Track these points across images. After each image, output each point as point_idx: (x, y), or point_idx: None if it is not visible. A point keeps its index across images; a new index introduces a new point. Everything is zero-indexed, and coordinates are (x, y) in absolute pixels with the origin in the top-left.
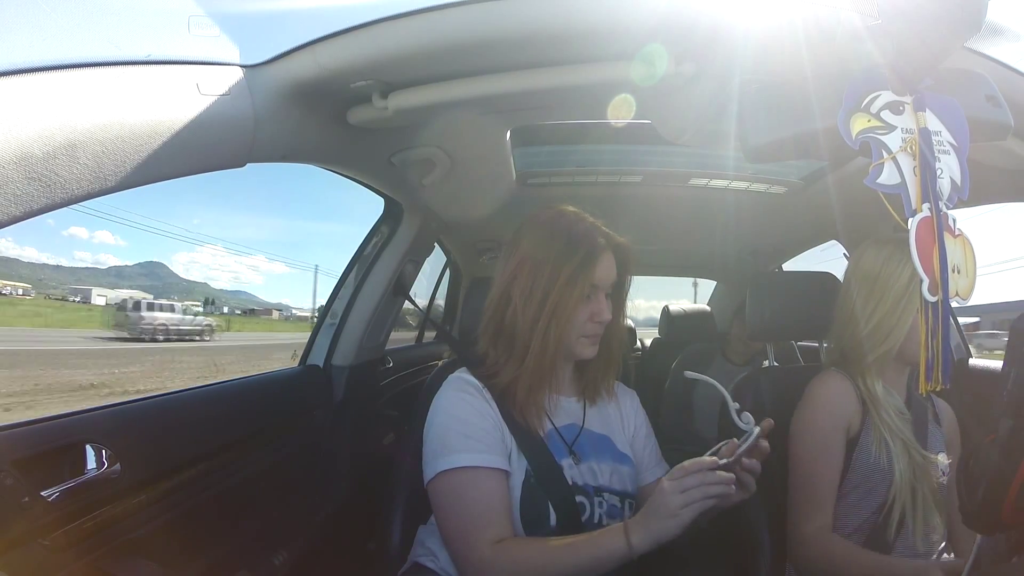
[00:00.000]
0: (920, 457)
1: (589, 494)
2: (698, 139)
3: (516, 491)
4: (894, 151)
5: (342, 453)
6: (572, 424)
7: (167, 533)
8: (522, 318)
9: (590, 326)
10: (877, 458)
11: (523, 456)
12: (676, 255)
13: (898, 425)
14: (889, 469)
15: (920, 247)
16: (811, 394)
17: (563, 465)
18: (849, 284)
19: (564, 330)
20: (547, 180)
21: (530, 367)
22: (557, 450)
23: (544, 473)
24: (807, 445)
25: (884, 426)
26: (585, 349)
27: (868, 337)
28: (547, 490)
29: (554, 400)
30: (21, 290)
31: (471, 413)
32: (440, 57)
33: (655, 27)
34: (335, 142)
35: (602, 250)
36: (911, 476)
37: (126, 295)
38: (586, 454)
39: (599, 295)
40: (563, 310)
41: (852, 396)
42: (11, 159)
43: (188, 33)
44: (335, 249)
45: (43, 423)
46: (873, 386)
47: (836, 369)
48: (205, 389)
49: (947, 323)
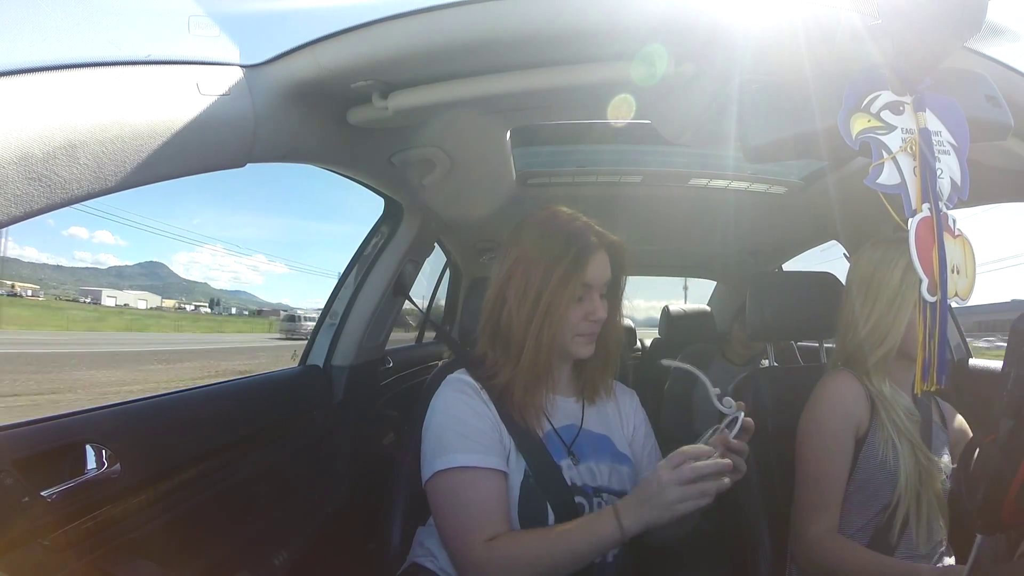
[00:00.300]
0: (926, 460)
1: (588, 494)
2: (698, 139)
3: (515, 491)
4: (894, 151)
5: (342, 453)
6: (571, 425)
7: (167, 533)
8: (516, 318)
9: (585, 325)
10: (884, 459)
11: (522, 457)
12: (676, 255)
13: (907, 426)
14: (895, 470)
15: (920, 247)
16: (821, 394)
17: (562, 466)
18: (849, 288)
19: (558, 329)
20: (547, 180)
21: (525, 367)
22: (556, 451)
23: (543, 474)
24: (816, 445)
25: (893, 426)
26: (581, 348)
27: (867, 339)
28: (545, 490)
29: (552, 400)
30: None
31: (468, 414)
32: (440, 57)
33: (655, 27)
34: (335, 142)
35: (595, 249)
36: (916, 479)
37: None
38: (585, 454)
39: (593, 294)
40: (556, 309)
41: (862, 396)
42: (11, 159)
43: (188, 33)
44: (335, 249)
45: (43, 423)
46: (881, 386)
47: (845, 368)
48: (205, 389)
49: (945, 323)
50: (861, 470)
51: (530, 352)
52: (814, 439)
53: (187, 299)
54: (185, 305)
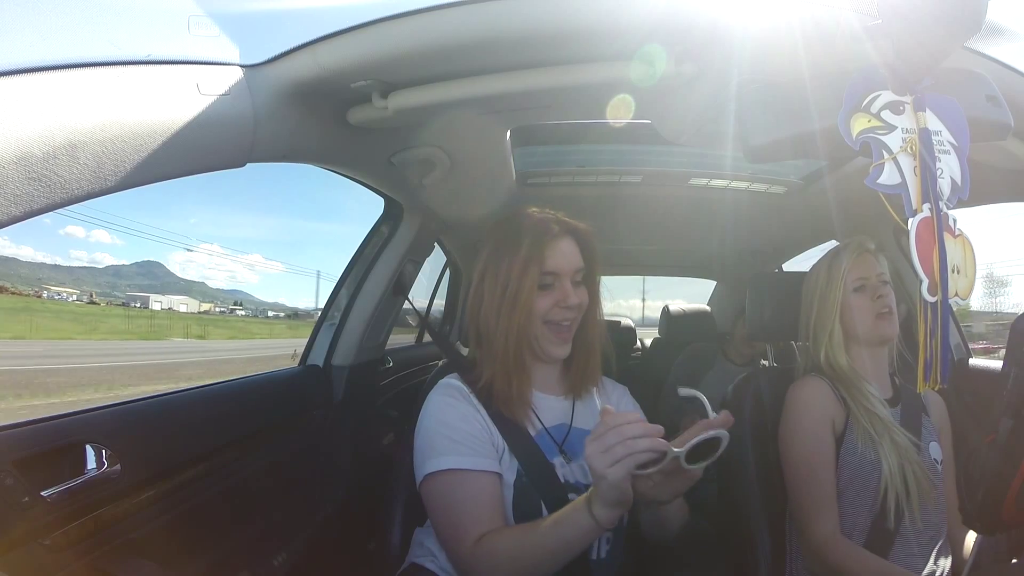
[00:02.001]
0: (902, 437)
1: (581, 491)
2: (698, 139)
3: (509, 491)
4: (894, 151)
5: (342, 453)
6: (561, 424)
7: (167, 533)
8: (489, 313)
9: (557, 312)
10: (864, 452)
11: (514, 457)
12: (676, 255)
13: (878, 411)
14: (877, 460)
15: (920, 247)
16: (791, 399)
17: (554, 463)
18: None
19: (526, 319)
20: (547, 180)
21: (499, 359)
22: (548, 450)
23: (535, 472)
24: (798, 447)
25: (863, 412)
26: (553, 347)
27: (815, 339)
28: (539, 488)
29: (543, 400)
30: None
31: (456, 417)
32: (440, 57)
33: (654, 27)
34: (335, 142)
35: (555, 236)
36: (898, 459)
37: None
38: (576, 452)
39: (563, 282)
40: (520, 297)
41: (831, 395)
42: (11, 159)
43: (188, 33)
44: (334, 249)
45: (43, 423)
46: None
47: (811, 374)
48: (205, 389)
49: (947, 323)
50: (844, 468)
51: (500, 342)
52: (795, 442)
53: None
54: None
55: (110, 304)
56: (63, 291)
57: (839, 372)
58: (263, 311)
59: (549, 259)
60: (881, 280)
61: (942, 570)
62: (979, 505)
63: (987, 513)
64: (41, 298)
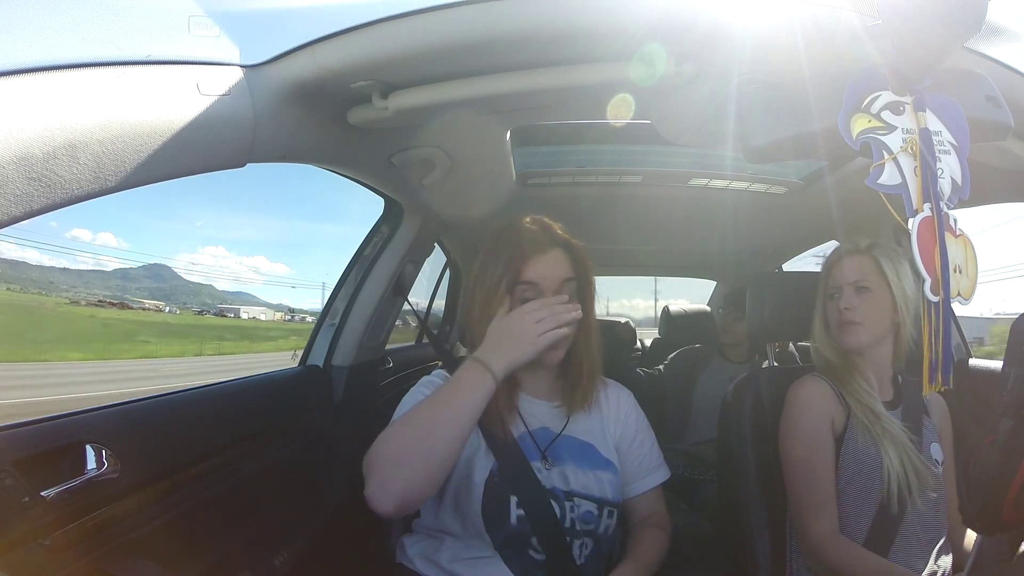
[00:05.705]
0: (900, 433)
1: (559, 497)
2: (698, 139)
3: (478, 489)
4: (895, 151)
5: (342, 453)
6: (547, 428)
7: (167, 533)
8: (474, 319)
9: None
10: (865, 449)
11: (490, 454)
12: (676, 255)
13: (873, 403)
14: (878, 457)
15: (921, 247)
16: (791, 399)
17: (533, 467)
18: None
19: None
20: (547, 180)
21: None
22: (528, 453)
23: (510, 471)
24: (797, 446)
25: (861, 408)
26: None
27: (812, 339)
28: (514, 487)
29: (530, 404)
30: (166, 308)
31: (414, 402)
32: (440, 57)
33: (654, 27)
34: (335, 142)
35: (540, 248)
36: (899, 456)
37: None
38: (562, 459)
39: (543, 294)
40: (493, 303)
41: (830, 394)
42: (11, 159)
43: (188, 33)
44: (335, 249)
45: (43, 423)
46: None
47: (812, 373)
48: (205, 389)
49: (949, 323)
50: (846, 466)
51: (478, 344)
52: (794, 441)
53: (287, 311)
54: (287, 317)
55: (203, 314)
56: (148, 303)
57: (835, 371)
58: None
59: (529, 269)
60: (856, 287)
61: (942, 570)
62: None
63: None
64: (161, 311)
